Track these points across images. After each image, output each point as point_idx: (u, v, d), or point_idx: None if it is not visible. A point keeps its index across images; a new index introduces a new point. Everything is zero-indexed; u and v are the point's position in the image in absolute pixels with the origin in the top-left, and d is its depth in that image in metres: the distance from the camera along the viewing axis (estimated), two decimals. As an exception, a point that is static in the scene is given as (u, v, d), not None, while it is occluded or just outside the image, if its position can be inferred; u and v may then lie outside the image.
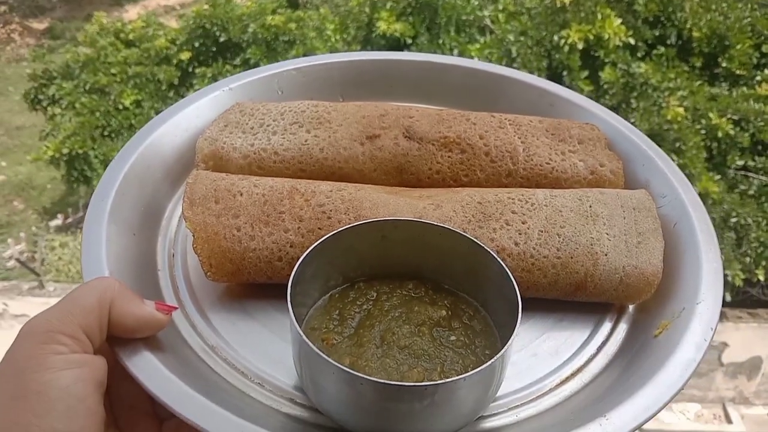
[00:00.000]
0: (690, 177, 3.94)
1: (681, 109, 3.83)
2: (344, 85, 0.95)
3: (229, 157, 0.78)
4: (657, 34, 3.90)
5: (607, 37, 3.61)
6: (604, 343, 0.64)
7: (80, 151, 4.94)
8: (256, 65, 4.68)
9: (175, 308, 0.59)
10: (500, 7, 4.22)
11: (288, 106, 0.83)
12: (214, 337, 0.63)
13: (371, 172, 0.78)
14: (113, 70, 5.24)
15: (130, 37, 5.54)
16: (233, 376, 0.59)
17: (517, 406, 0.59)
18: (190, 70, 5.17)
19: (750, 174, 4.17)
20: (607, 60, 3.71)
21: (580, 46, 3.64)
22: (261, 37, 4.69)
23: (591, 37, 3.62)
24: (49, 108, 5.77)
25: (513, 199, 0.70)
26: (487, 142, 0.78)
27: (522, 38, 3.70)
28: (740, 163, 4.11)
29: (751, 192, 4.09)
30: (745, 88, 4.03)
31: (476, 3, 4.29)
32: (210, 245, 0.66)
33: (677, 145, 3.89)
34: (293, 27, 4.72)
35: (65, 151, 4.93)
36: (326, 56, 0.97)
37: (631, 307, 0.68)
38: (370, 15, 4.40)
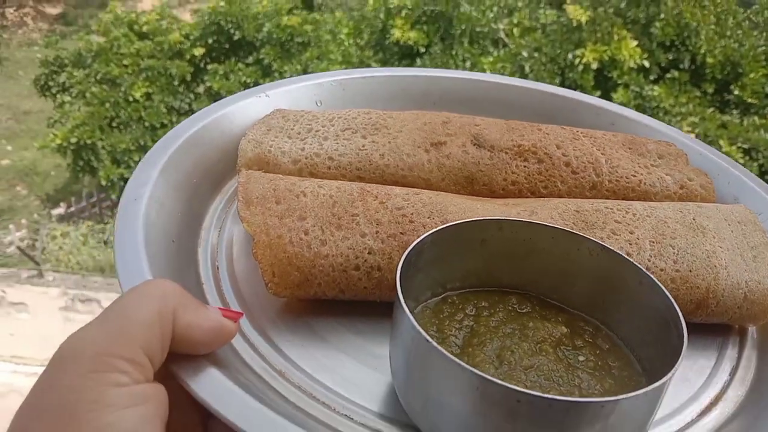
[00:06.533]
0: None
1: (693, 135, 3.81)
2: (387, 101, 0.87)
3: (277, 161, 0.69)
4: (671, 57, 3.78)
5: (622, 58, 3.50)
6: (735, 369, 0.56)
7: (88, 141, 4.83)
8: (269, 66, 4.60)
9: (241, 314, 0.49)
10: (515, 21, 4.16)
11: (336, 114, 0.75)
12: (281, 361, 0.52)
13: (439, 182, 0.69)
14: (125, 62, 5.17)
15: (144, 29, 5.49)
16: (311, 405, 0.49)
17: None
18: (203, 65, 5.09)
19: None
20: (620, 81, 3.60)
21: (594, 66, 3.55)
22: (276, 37, 4.64)
23: (606, 58, 3.51)
24: (58, 95, 5.66)
25: (611, 208, 0.62)
26: (566, 152, 0.71)
27: (536, 54, 3.61)
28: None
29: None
30: (756, 118, 3.94)
31: (491, 15, 4.22)
32: (273, 251, 0.55)
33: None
34: (309, 29, 4.67)
35: (73, 140, 4.83)
36: (367, 70, 0.90)
37: (753, 331, 0.60)
38: (385, 21, 4.33)
